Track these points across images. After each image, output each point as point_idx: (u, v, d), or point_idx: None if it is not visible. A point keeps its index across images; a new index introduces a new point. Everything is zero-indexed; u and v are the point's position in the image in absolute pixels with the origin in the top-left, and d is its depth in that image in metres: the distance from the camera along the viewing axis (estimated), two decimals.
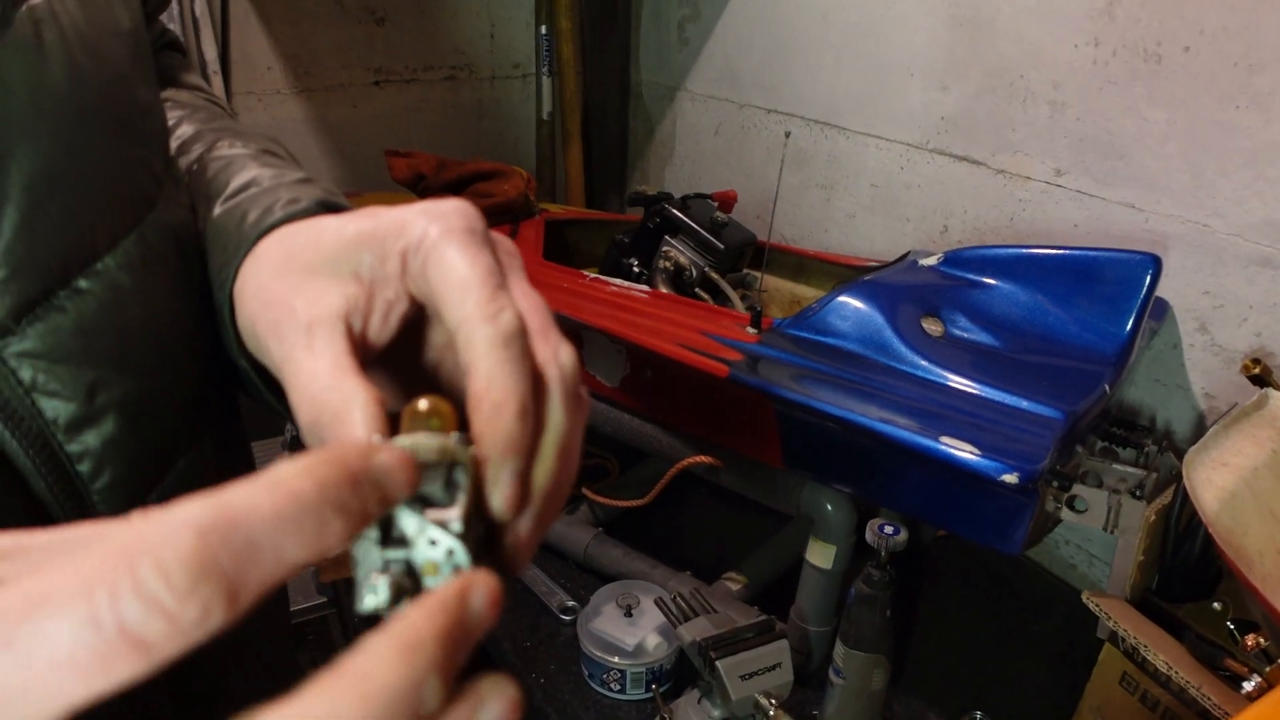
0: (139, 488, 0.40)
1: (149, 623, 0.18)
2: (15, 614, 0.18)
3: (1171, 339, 1.03)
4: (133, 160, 0.42)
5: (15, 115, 0.35)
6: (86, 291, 0.38)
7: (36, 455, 0.36)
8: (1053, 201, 1.13)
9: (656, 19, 1.74)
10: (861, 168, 1.37)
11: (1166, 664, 0.65)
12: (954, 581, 1.17)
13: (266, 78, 1.56)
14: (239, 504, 0.20)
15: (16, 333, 0.35)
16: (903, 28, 1.26)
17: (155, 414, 0.41)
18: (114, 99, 0.41)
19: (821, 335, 0.92)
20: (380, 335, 0.34)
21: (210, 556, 0.19)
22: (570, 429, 0.32)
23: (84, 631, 0.18)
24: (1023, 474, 0.70)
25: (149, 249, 0.41)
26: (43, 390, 0.36)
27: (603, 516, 1.21)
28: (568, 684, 1.01)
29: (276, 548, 0.21)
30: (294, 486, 0.21)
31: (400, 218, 0.34)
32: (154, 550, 0.19)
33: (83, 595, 0.18)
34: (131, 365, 0.39)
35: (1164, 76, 0.99)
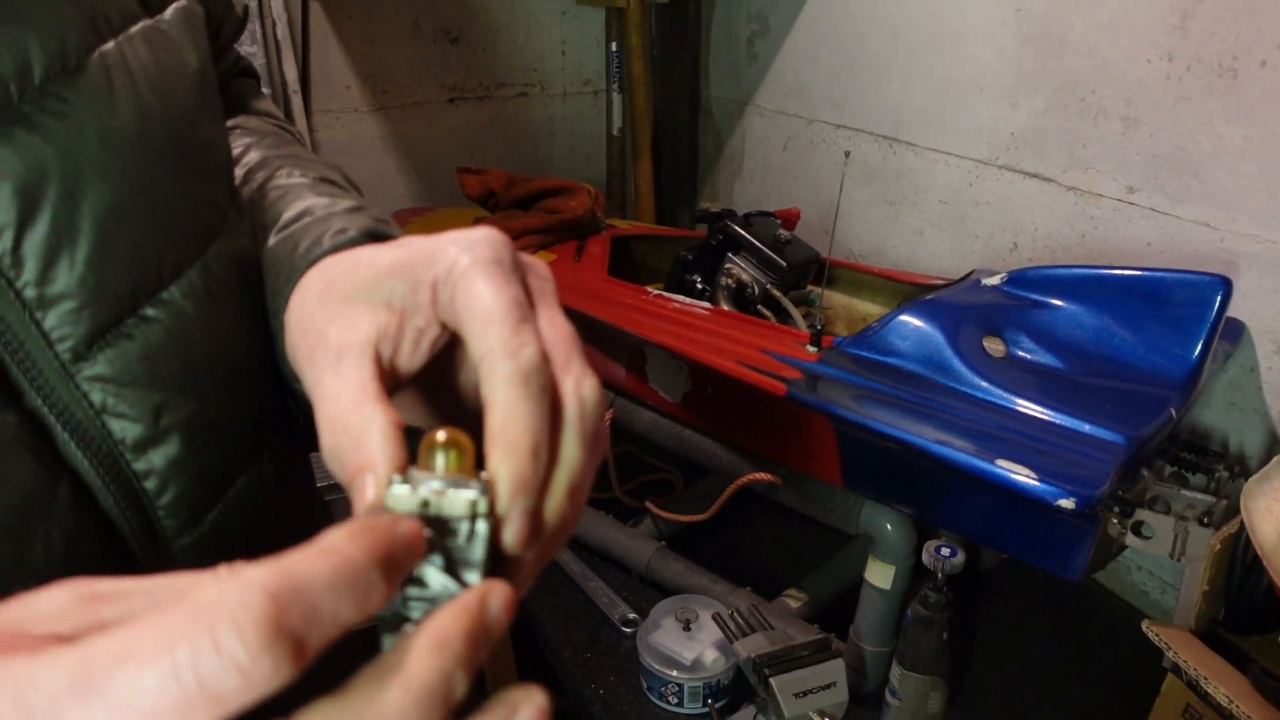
0: (201, 504, 0.43)
1: (225, 678, 0.21)
2: (107, 665, 0.21)
3: (1248, 362, 1.00)
4: (197, 194, 0.44)
5: (87, 155, 0.37)
6: (153, 319, 0.40)
7: (105, 473, 0.38)
8: (1125, 219, 1.11)
9: (726, 35, 1.75)
10: (930, 184, 1.36)
11: (1228, 697, 0.64)
12: (1017, 606, 1.15)
13: (345, 96, 1.61)
14: (301, 570, 0.22)
15: (88, 358, 0.37)
16: (972, 43, 1.25)
17: (217, 435, 0.43)
18: (180, 137, 0.43)
19: (881, 354, 0.92)
20: (410, 362, 0.35)
21: (280, 618, 0.21)
22: (583, 465, 0.33)
23: (168, 684, 0.20)
24: (1080, 499, 0.69)
25: (212, 278, 0.43)
26: (112, 412, 0.38)
27: (665, 531, 1.22)
28: (626, 696, 1.02)
29: (333, 609, 0.23)
30: (345, 554, 0.24)
31: (431, 248, 0.35)
32: (231, 612, 0.21)
33: (167, 651, 0.20)
34: (195, 389, 0.42)
35: (1240, 92, 0.97)
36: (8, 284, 0.35)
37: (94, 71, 0.38)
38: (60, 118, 0.36)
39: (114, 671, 0.20)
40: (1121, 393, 0.83)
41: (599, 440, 0.34)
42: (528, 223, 1.33)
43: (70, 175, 0.36)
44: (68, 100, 0.36)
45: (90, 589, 0.25)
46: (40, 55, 0.36)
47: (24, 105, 0.35)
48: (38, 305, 0.36)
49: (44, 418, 0.37)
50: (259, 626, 0.21)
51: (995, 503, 0.81)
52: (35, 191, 0.35)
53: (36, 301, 0.36)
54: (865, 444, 0.88)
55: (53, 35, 0.36)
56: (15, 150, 0.35)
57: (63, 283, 0.36)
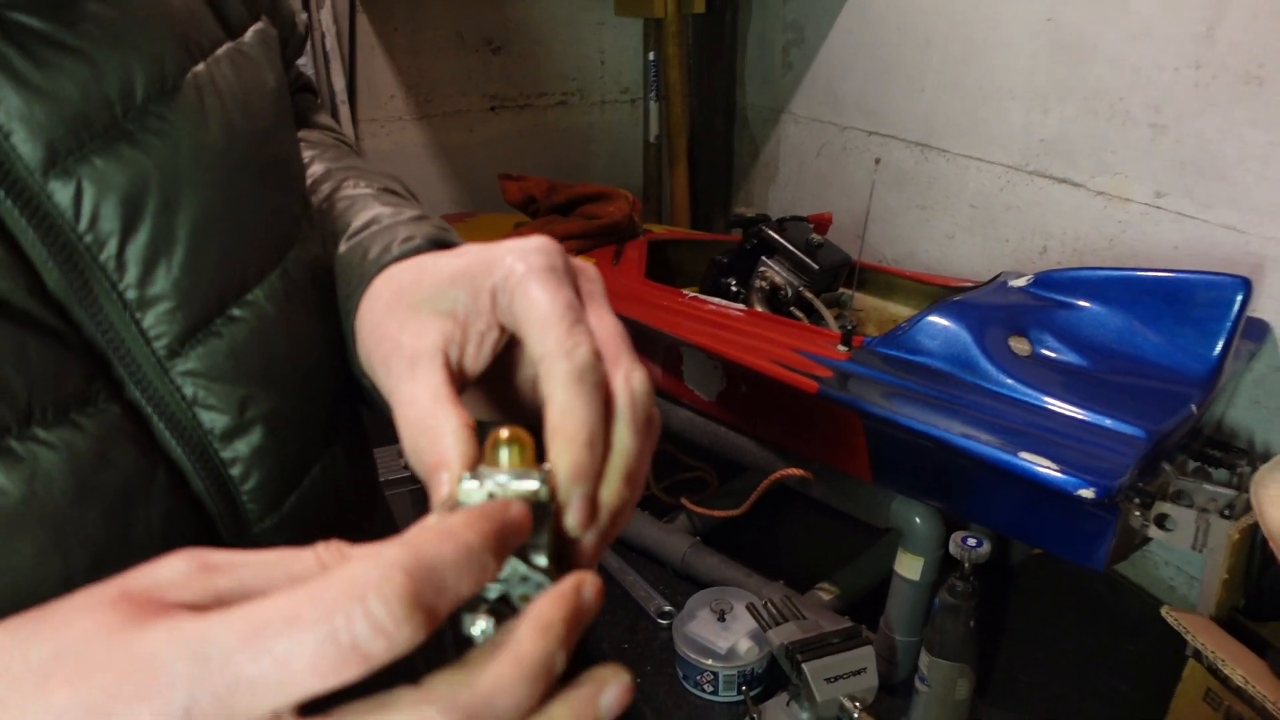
0: (281, 490, 0.46)
1: (373, 641, 0.25)
2: (276, 626, 0.25)
3: (1273, 361, 1.02)
4: (277, 205, 0.48)
5: (182, 169, 0.41)
6: (239, 319, 0.43)
7: (196, 460, 0.42)
8: (1153, 224, 1.13)
9: (761, 44, 1.78)
10: (961, 189, 1.39)
11: (1244, 678, 0.66)
12: (1046, 599, 1.18)
13: (389, 105, 1.67)
14: (431, 552, 0.27)
15: (181, 355, 0.41)
16: (1004, 52, 1.28)
17: (295, 426, 0.47)
18: (262, 152, 0.46)
19: (910, 353, 0.95)
20: (475, 364, 0.39)
21: (417, 592, 0.26)
22: (638, 452, 0.36)
23: (326, 645, 0.25)
24: (1099, 489, 0.72)
25: (290, 282, 0.47)
26: (202, 404, 0.42)
27: (700, 526, 1.26)
28: (663, 685, 1.05)
29: (456, 584, 0.27)
30: (464, 538, 0.28)
31: (489, 256, 0.38)
32: (378, 587, 0.25)
33: (325, 619, 0.25)
34: (276, 383, 0.45)
35: (1265, 99, 0.99)
36: (111, 286, 0.39)
37: (188, 92, 0.42)
38: (160, 135, 0.40)
39: (282, 632, 0.25)
40: (1144, 389, 0.85)
41: (651, 426, 0.37)
42: (568, 228, 1.37)
43: (168, 187, 0.40)
44: (166, 119, 0.40)
45: (203, 559, 0.29)
46: (142, 78, 0.39)
47: (128, 123, 0.39)
48: (138, 306, 0.39)
49: (142, 409, 0.40)
50: (402, 599, 0.25)
51: (1020, 495, 0.84)
52: (137, 202, 0.39)
53: (137, 303, 0.39)
54: (894, 439, 0.91)
55: (153, 59, 0.40)
56: (121, 164, 0.38)
57: (160, 285, 0.40)
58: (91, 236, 0.38)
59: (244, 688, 0.25)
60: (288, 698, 0.25)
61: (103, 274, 0.38)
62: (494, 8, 1.69)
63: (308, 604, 0.25)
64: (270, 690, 0.25)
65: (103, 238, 0.38)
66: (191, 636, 0.26)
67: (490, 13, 1.69)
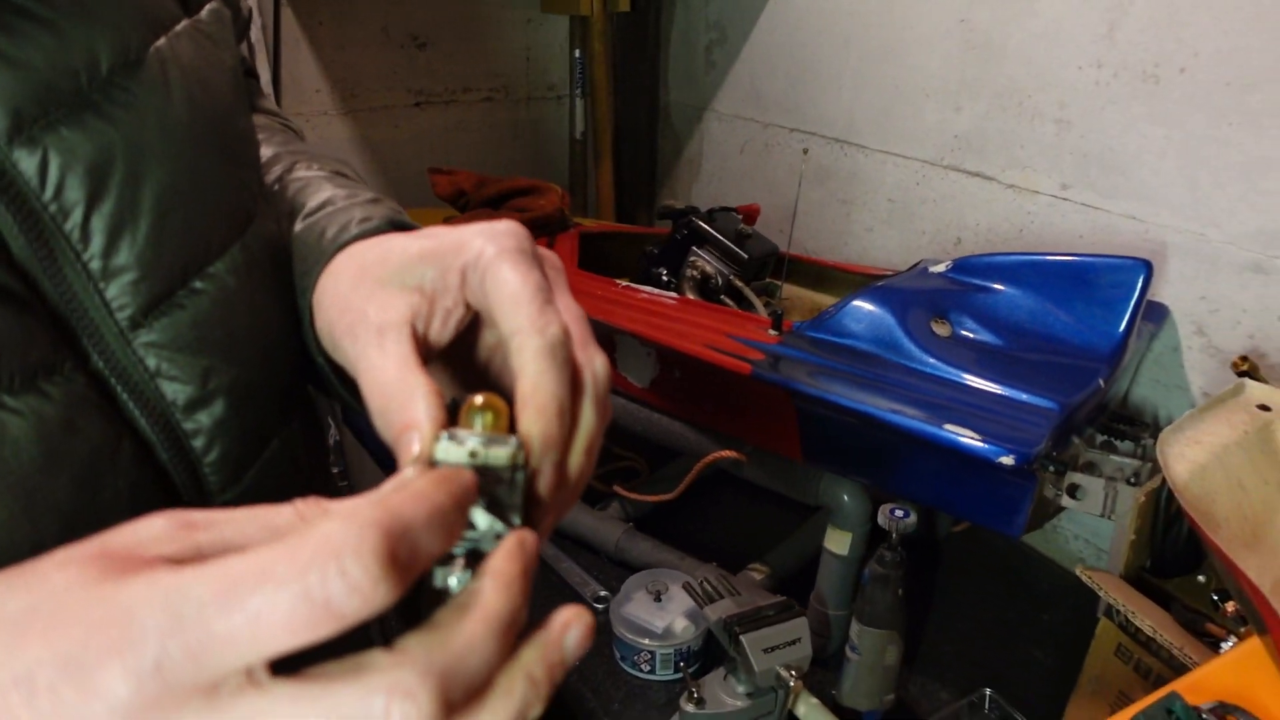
0: (241, 462, 0.47)
1: (348, 599, 0.25)
2: (248, 583, 0.25)
3: (1171, 342, 1.09)
4: (237, 180, 0.49)
5: (147, 141, 0.41)
6: (201, 291, 0.44)
7: (160, 431, 0.42)
8: (1059, 214, 1.19)
9: (685, 43, 1.82)
10: (879, 183, 1.44)
11: (1152, 628, 0.71)
12: (968, 573, 1.23)
13: (314, 99, 1.65)
14: (405, 511, 0.28)
15: (145, 326, 0.41)
16: (919, 51, 1.34)
17: (256, 399, 0.47)
18: (223, 127, 0.47)
19: (838, 336, 0.99)
20: (440, 337, 0.40)
21: (391, 551, 0.26)
22: (597, 428, 0.39)
23: (300, 603, 0.25)
24: (1019, 456, 0.77)
25: (250, 256, 0.48)
26: (165, 375, 0.42)
27: (633, 512, 1.28)
28: (601, 666, 1.07)
29: (428, 544, 0.28)
30: (435, 498, 0.29)
31: (460, 238, 0.40)
32: (354, 545, 0.26)
33: (300, 576, 0.25)
34: (237, 356, 0.46)
35: (1162, 96, 1.06)
36: (75, 256, 0.39)
37: (151, 65, 0.42)
38: (125, 106, 0.40)
39: (255, 588, 0.25)
40: (1055, 365, 0.91)
41: (606, 408, 0.40)
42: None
43: (133, 159, 0.40)
44: (130, 91, 0.41)
45: (184, 517, 0.30)
46: (106, 49, 0.40)
47: (94, 94, 0.39)
48: (101, 276, 0.40)
49: (106, 379, 0.41)
50: (377, 557, 0.26)
51: (944, 466, 0.88)
52: (103, 173, 0.39)
53: (100, 273, 0.40)
54: (823, 418, 0.95)
55: (117, 32, 0.41)
56: (87, 135, 0.39)
57: (124, 256, 0.40)
58: (56, 206, 0.38)
59: (216, 643, 0.25)
60: (260, 653, 0.25)
61: (67, 244, 0.39)
62: (420, 4, 1.70)
63: (283, 561, 0.25)
64: (243, 645, 0.25)
65: (68, 207, 0.39)
66: (165, 589, 0.26)
67: (416, 8, 1.69)
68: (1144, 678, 0.79)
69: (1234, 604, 0.73)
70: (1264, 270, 0.99)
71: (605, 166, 1.84)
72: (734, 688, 0.95)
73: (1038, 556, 1.28)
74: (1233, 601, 0.73)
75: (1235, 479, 0.64)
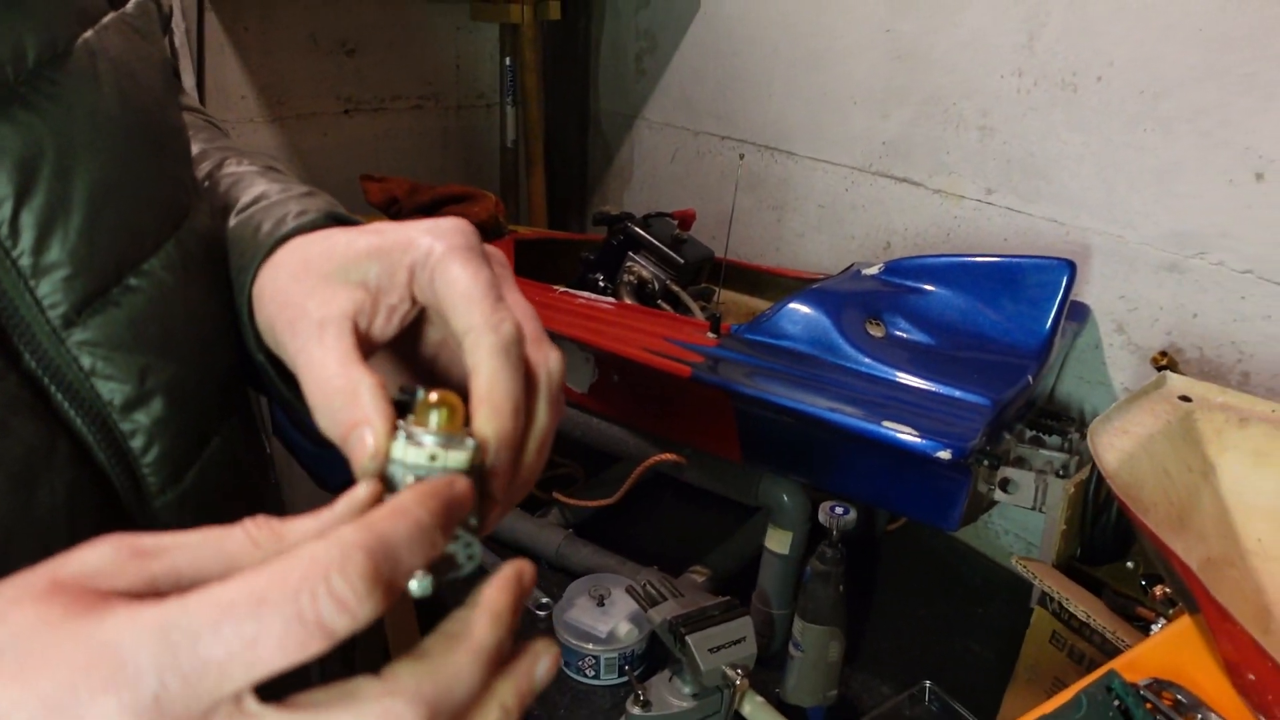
0: (181, 462, 0.46)
1: (338, 618, 0.26)
2: (241, 608, 0.26)
3: (1093, 340, 1.13)
4: (170, 175, 0.48)
5: (77, 134, 0.40)
6: (136, 288, 0.43)
7: (96, 431, 0.41)
8: (984, 218, 1.23)
9: (615, 51, 1.83)
10: (810, 190, 1.47)
11: (1085, 613, 0.74)
12: (904, 570, 1.26)
13: (240, 106, 1.62)
14: (387, 530, 0.29)
15: (78, 324, 0.40)
16: (846, 60, 1.36)
17: (195, 396, 0.46)
18: (154, 121, 0.46)
19: (775, 338, 1.00)
20: (383, 333, 0.40)
21: (377, 570, 0.27)
22: (550, 425, 0.39)
23: (292, 623, 0.26)
24: (955, 450, 0.79)
25: (185, 252, 0.47)
26: (100, 375, 0.41)
27: (572, 519, 1.28)
28: None
29: (410, 560, 0.29)
30: (416, 515, 0.30)
31: (407, 235, 0.39)
32: (340, 566, 0.27)
33: (292, 598, 0.26)
34: (175, 353, 0.45)
35: (1079, 103, 1.10)
36: (4, 253, 0.38)
37: (79, 57, 0.41)
38: (53, 99, 0.39)
39: (251, 614, 0.26)
40: (986, 363, 0.93)
41: (559, 404, 0.40)
42: None
43: (63, 152, 0.39)
44: (58, 83, 0.40)
45: (132, 545, 0.29)
46: (33, 40, 0.39)
47: (20, 87, 0.38)
48: (32, 273, 0.39)
49: (39, 379, 0.40)
50: (364, 576, 0.27)
51: (881, 463, 0.90)
52: (32, 166, 0.38)
53: (31, 270, 0.39)
54: (763, 419, 0.96)
55: (43, 24, 0.40)
56: (14, 128, 0.38)
57: (56, 253, 0.39)
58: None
59: (213, 670, 0.26)
60: (255, 676, 0.26)
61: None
62: (348, 10, 1.68)
63: (274, 585, 0.26)
64: (238, 670, 0.26)
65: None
66: (154, 624, 0.26)
67: (344, 15, 1.67)
68: (1078, 663, 0.81)
69: (1162, 588, 0.76)
70: (1179, 270, 1.03)
71: (537, 174, 1.84)
72: (680, 689, 0.96)
73: (970, 552, 1.31)
74: (1161, 585, 0.76)
75: (1161, 466, 0.67)
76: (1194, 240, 1.01)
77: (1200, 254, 1.01)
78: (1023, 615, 0.93)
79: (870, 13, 1.31)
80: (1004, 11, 1.15)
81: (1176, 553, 0.54)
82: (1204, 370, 1.02)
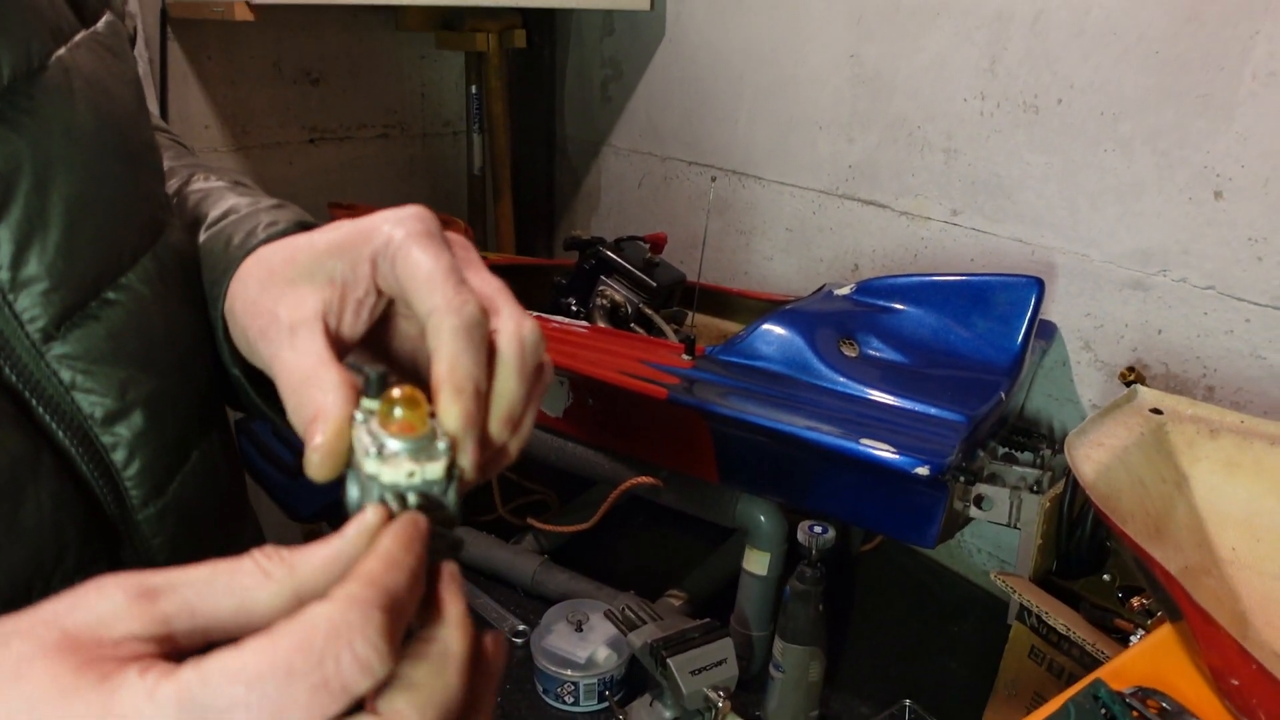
0: (163, 475, 0.46)
1: (360, 680, 0.27)
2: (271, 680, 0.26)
3: (1060, 357, 1.14)
4: (146, 190, 0.48)
5: (54, 149, 0.40)
6: (115, 302, 0.43)
7: (78, 445, 0.41)
8: (951, 239, 1.25)
9: (580, 79, 1.84)
10: (777, 213, 1.48)
11: (1065, 626, 0.75)
12: (881, 590, 1.26)
13: (204, 135, 1.61)
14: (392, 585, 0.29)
15: (58, 338, 0.40)
16: (811, 86, 1.38)
17: (175, 409, 0.46)
18: (128, 136, 0.46)
19: (750, 359, 1.00)
20: (354, 329, 0.40)
21: (391, 626, 0.28)
22: (521, 396, 0.39)
23: (319, 690, 0.27)
24: (933, 467, 0.79)
25: (162, 266, 0.47)
26: (80, 388, 0.41)
27: (547, 545, 1.27)
28: (523, 701, 1.05)
29: (410, 608, 0.30)
30: (408, 563, 0.31)
31: (366, 226, 0.40)
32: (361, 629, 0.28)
33: (318, 667, 0.27)
34: (154, 366, 0.45)
35: (1041, 125, 1.12)
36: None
37: (54, 73, 0.41)
38: (30, 114, 0.39)
39: (281, 685, 0.26)
40: (959, 380, 0.94)
41: (543, 372, 0.41)
42: None
43: (40, 167, 0.39)
44: (34, 98, 0.40)
45: (139, 585, 0.29)
46: (8, 57, 0.39)
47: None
48: (10, 288, 0.39)
49: (20, 393, 0.39)
50: (382, 634, 0.28)
51: (859, 482, 0.91)
52: (9, 181, 0.38)
53: (9, 284, 0.39)
54: (739, 439, 0.97)
55: (18, 40, 0.40)
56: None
57: (34, 267, 0.39)
58: None
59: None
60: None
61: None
62: (312, 39, 1.67)
63: (298, 653, 0.27)
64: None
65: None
66: (174, 699, 0.26)
67: (308, 44, 1.67)
68: (1057, 677, 0.82)
69: (1140, 599, 0.77)
70: (1143, 287, 1.05)
71: (505, 201, 1.84)
72: (661, 713, 0.95)
73: (944, 570, 1.32)
74: (1138, 597, 0.77)
75: (1136, 477, 0.68)
76: (1156, 258, 1.04)
77: (1163, 271, 1.03)
78: (998, 632, 0.93)
79: (834, 39, 1.33)
80: (965, 36, 1.17)
81: (1159, 560, 0.55)
82: (1170, 385, 1.03)
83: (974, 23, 1.16)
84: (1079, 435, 0.71)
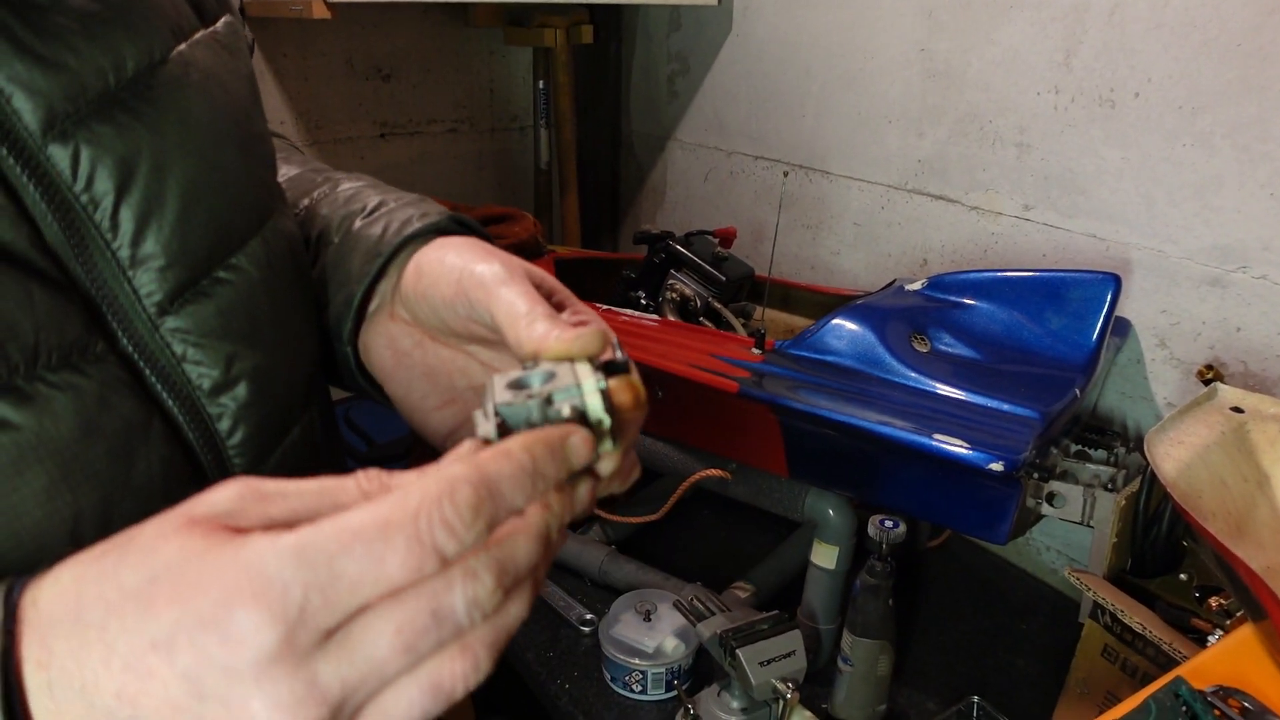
0: (265, 447, 0.49)
1: (448, 543, 0.30)
2: (370, 532, 0.30)
3: (1135, 355, 1.13)
4: (256, 177, 0.52)
5: (171, 136, 0.44)
6: (225, 280, 0.47)
7: (186, 413, 0.45)
8: (1022, 234, 1.24)
9: (646, 74, 1.85)
10: (845, 208, 1.48)
11: (1141, 625, 0.74)
12: (947, 586, 1.26)
13: (279, 131, 1.65)
14: (490, 468, 0.32)
15: (171, 312, 0.44)
16: (880, 80, 1.38)
17: (278, 384, 0.50)
18: (241, 127, 0.50)
19: (820, 353, 1.01)
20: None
21: (480, 502, 0.31)
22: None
23: (412, 544, 0.30)
24: (1007, 463, 0.79)
25: (269, 249, 0.50)
26: (190, 360, 0.45)
27: (614, 535, 1.29)
28: (591, 688, 1.07)
29: (511, 497, 0.33)
30: (519, 458, 0.33)
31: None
32: (449, 496, 0.31)
33: (411, 522, 0.30)
34: (260, 343, 0.48)
35: (1118, 119, 1.10)
36: (105, 244, 0.41)
37: (174, 66, 0.45)
38: (150, 104, 0.43)
39: (378, 536, 0.30)
40: (1033, 377, 0.94)
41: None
42: None
43: (158, 153, 0.43)
44: (155, 89, 0.43)
45: (255, 488, 0.33)
46: (132, 50, 0.43)
47: (121, 92, 0.42)
48: (130, 264, 0.42)
49: (134, 362, 0.43)
50: (470, 507, 0.31)
51: (930, 477, 0.91)
52: (131, 165, 0.42)
53: (129, 261, 0.42)
54: (809, 433, 0.97)
55: (142, 34, 0.43)
56: (115, 130, 0.41)
57: (151, 245, 0.43)
58: (87, 196, 0.41)
59: (346, 584, 0.29)
60: (381, 590, 0.30)
61: (97, 232, 0.41)
62: (384, 36, 1.71)
63: (395, 511, 0.30)
64: (368, 585, 0.29)
65: (98, 198, 0.41)
66: (293, 546, 0.29)
67: (380, 41, 1.71)
68: (1131, 676, 0.81)
69: (1218, 599, 0.76)
70: (1221, 284, 1.03)
71: (571, 195, 1.86)
72: (729, 703, 0.96)
73: (1012, 568, 1.31)
74: (1216, 597, 0.76)
75: (1218, 476, 0.67)
76: (1236, 254, 1.02)
77: (1242, 268, 1.01)
78: (1068, 630, 0.93)
79: (904, 32, 1.32)
80: (1040, 29, 1.16)
81: (1242, 559, 0.55)
82: (1249, 384, 1.02)
83: (1049, 15, 1.15)
84: (1159, 433, 0.71)
